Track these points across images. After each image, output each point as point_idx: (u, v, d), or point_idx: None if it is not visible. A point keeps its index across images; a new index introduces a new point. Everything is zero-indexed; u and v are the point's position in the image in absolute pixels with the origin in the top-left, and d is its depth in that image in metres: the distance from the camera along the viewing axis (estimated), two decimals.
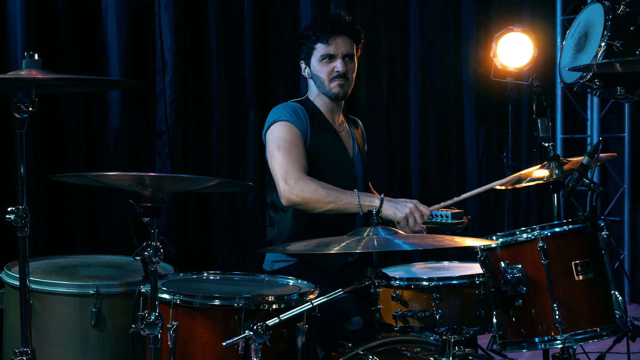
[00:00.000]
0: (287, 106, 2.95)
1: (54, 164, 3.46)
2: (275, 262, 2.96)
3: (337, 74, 2.94)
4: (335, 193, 2.74)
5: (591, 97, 5.85)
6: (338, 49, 2.94)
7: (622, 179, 5.79)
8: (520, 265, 2.28)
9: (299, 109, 2.93)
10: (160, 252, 1.98)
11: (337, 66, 2.93)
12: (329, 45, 2.93)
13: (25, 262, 2.01)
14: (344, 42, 2.94)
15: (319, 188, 2.73)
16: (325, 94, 2.99)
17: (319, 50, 2.95)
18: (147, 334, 1.99)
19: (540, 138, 2.99)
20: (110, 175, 2.01)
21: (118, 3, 3.60)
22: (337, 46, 2.94)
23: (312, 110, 2.99)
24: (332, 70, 2.94)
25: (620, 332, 2.30)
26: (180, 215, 3.85)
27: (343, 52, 2.94)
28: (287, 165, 2.79)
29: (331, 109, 3.04)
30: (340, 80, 2.95)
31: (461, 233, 2.97)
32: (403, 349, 2.27)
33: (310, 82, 3.03)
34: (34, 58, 2.05)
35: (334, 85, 2.96)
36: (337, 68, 2.93)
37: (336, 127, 3.05)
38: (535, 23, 5.63)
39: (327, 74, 2.95)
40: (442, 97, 5.24)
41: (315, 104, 3.02)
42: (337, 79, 2.95)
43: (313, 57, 2.97)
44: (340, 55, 2.93)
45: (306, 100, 3.04)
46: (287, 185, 2.76)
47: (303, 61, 3.02)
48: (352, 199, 2.73)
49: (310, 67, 2.99)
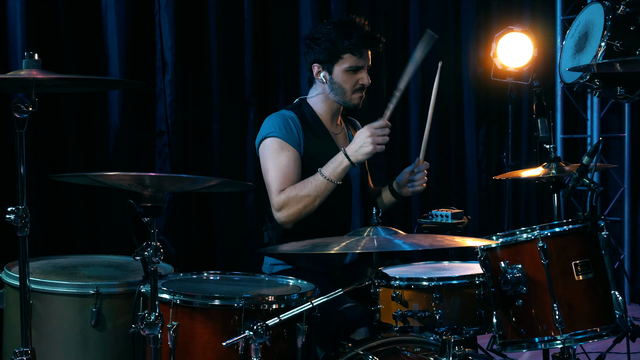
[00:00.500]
0: (280, 118, 2.88)
1: (54, 164, 3.46)
2: (274, 265, 2.95)
3: (361, 87, 2.90)
4: (308, 188, 2.74)
5: (591, 97, 5.85)
6: (366, 61, 2.89)
7: (622, 179, 5.78)
8: (520, 265, 2.28)
9: (290, 120, 2.87)
10: (160, 252, 1.98)
11: (364, 79, 2.88)
12: (360, 58, 2.86)
13: (25, 262, 2.01)
14: (370, 55, 2.91)
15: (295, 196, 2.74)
16: (343, 102, 2.94)
17: (348, 60, 2.86)
18: (147, 334, 1.99)
19: (540, 138, 2.99)
20: (110, 175, 2.01)
21: (118, 3, 3.60)
22: (366, 59, 2.89)
23: (308, 117, 2.94)
24: (356, 82, 2.89)
25: (620, 332, 2.30)
26: (180, 215, 3.85)
27: (369, 64, 2.91)
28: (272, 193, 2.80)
29: (333, 113, 2.99)
30: (362, 92, 2.92)
31: (461, 233, 2.97)
32: (403, 349, 2.27)
33: (319, 85, 2.95)
34: (34, 58, 2.05)
35: (356, 97, 2.92)
36: (363, 81, 2.89)
37: (332, 130, 3.01)
38: (535, 23, 5.63)
39: (351, 84, 2.89)
40: (442, 97, 5.23)
41: (313, 109, 2.97)
42: (360, 91, 2.91)
43: (338, 65, 2.87)
44: (366, 67, 2.90)
45: (303, 105, 2.98)
46: (276, 213, 2.79)
47: (319, 64, 2.91)
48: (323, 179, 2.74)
49: (332, 74, 2.89)
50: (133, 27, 3.68)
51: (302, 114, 2.94)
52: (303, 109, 2.96)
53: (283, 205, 2.76)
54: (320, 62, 2.90)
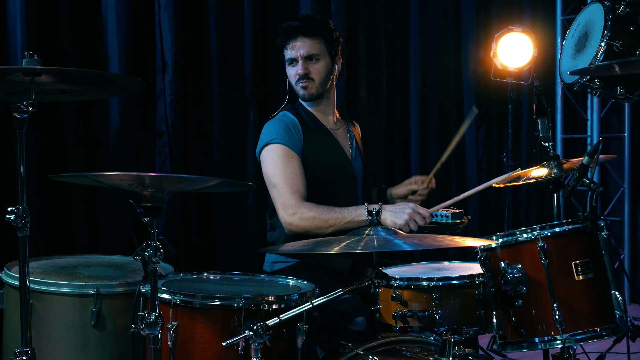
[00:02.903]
0: (281, 124, 2.95)
1: (54, 164, 3.46)
2: (275, 263, 2.96)
3: (298, 77, 2.98)
4: (333, 216, 2.76)
5: (591, 97, 5.85)
6: (297, 51, 2.96)
7: (622, 179, 5.78)
8: (520, 265, 2.28)
9: (290, 123, 2.94)
10: (160, 252, 1.99)
11: (298, 69, 2.97)
12: (288, 50, 2.98)
13: (25, 262, 2.01)
14: (303, 44, 2.96)
15: (316, 217, 2.76)
16: (298, 96, 3.04)
17: (285, 55, 3.01)
18: (147, 334, 1.99)
19: (540, 138, 2.99)
20: (110, 175, 2.01)
21: (118, 3, 3.60)
22: (296, 49, 2.96)
23: (305, 116, 3.01)
24: (295, 74, 2.99)
25: (620, 332, 2.30)
26: (180, 215, 3.85)
27: (303, 54, 2.96)
28: (284, 195, 2.82)
29: (322, 109, 3.06)
30: (302, 82, 2.98)
31: (461, 233, 2.97)
32: (403, 349, 2.27)
33: None
34: (34, 58, 2.05)
35: (299, 88, 3.00)
36: (298, 71, 2.97)
37: (331, 127, 3.06)
38: (535, 23, 5.63)
39: (292, 77, 3.01)
40: (442, 97, 5.24)
41: (306, 108, 3.05)
42: (300, 81, 2.98)
43: (285, 63, 3.03)
44: (300, 58, 2.95)
45: (298, 106, 3.06)
46: (286, 215, 2.80)
47: None
48: (349, 217, 2.75)
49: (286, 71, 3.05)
50: (133, 27, 3.68)
51: (299, 114, 3.01)
52: (298, 109, 3.04)
53: (298, 214, 2.78)
54: None
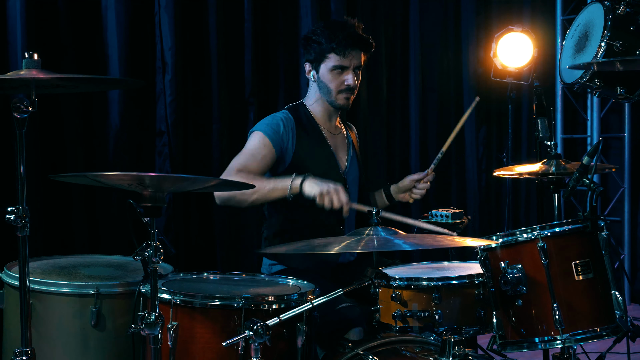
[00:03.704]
0: (271, 118, 2.92)
1: (54, 164, 3.46)
2: (273, 265, 2.96)
3: (346, 88, 2.91)
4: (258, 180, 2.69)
5: (591, 97, 5.85)
6: (351, 62, 2.89)
7: (622, 179, 5.78)
8: (520, 265, 2.28)
9: (281, 121, 2.89)
10: (160, 252, 1.99)
11: (348, 79, 2.89)
12: (343, 57, 2.88)
13: (25, 262, 2.01)
14: (357, 55, 2.90)
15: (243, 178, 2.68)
16: (330, 102, 2.96)
17: (332, 60, 2.89)
18: (147, 334, 1.99)
19: (541, 138, 2.99)
20: (110, 175, 2.01)
21: (118, 3, 3.60)
22: (351, 59, 2.89)
23: (304, 118, 2.97)
24: (341, 83, 2.90)
25: (620, 332, 2.30)
26: (180, 215, 3.85)
27: (355, 64, 2.90)
28: (235, 161, 2.80)
29: (329, 114, 3.02)
30: (347, 93, 2.93)
31: (461, 233, 2.97)
32: (403, 349, 2.27)
33: (313, 84, 2.99)
34: (33, 58, 2.05)
35: (341, 98, 2.93)
36: (348, 82, 2.90)
37: (331, 131, 3.03)
38: (535, 23, 5.63)
39: (336, 85, 2.91)
40: (442, 97, 5.24)
41: (310, 110, 3.00)
42: (346, 92, 2.92)
43: (324, 64, 2.91)
44: (352, 68, 2.90)
45: (299, 107, 3.01)
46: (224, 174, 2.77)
47: (309, 63, 2.97)
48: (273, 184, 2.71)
49: (319, 73, 2.93)
50: (133, 27, 3.68)
51: (297, 114, 2.97)
52: (299, 110, 3.00)
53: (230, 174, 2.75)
54: (310, 62, 2.97)
